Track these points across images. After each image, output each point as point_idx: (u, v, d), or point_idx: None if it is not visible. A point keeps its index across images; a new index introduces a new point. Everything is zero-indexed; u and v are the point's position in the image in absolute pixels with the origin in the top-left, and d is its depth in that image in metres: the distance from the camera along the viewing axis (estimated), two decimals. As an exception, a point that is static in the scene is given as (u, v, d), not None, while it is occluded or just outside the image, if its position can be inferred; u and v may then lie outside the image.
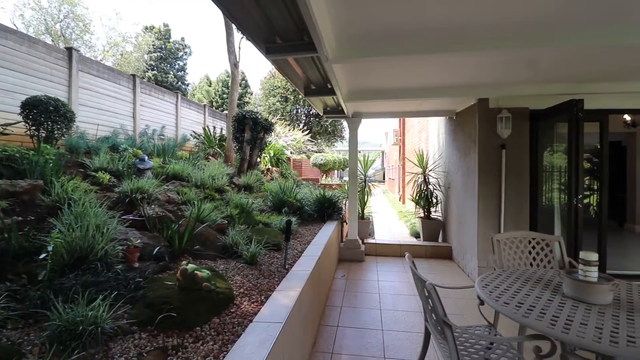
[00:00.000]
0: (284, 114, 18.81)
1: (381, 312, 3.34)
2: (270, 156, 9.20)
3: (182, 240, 2.58)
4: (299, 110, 20.28)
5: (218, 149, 8.53)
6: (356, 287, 4.06)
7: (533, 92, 3.85)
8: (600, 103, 4.06)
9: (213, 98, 25.38)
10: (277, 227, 3.73)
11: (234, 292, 2.18)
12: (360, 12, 2.10)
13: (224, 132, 10.09)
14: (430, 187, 6.02)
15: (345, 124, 5.57)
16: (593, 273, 1.68)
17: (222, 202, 4.33)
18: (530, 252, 2.66)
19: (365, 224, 5.93)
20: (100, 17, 30.83)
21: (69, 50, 6.22)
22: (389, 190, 18.66)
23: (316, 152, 15.78)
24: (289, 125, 14.57)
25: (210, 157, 7.97)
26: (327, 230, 4.24)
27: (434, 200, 5.97)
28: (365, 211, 6.28)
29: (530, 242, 2.68)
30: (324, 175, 13.28)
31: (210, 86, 26.86)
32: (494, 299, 1.70)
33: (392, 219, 9.14)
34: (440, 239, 5.83)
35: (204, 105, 11.37)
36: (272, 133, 10.74)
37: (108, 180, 3.74)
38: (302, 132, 13.95)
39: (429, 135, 7.55)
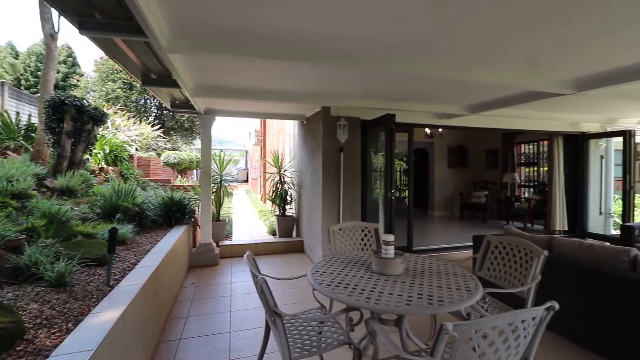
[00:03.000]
0: (128, 103, 16.07)
1: (231, 314, 3.28)
2: (105, 153, 7.69)
3: None
4: (149, 101, 17.75)
5: (23, 142, 6.53)
6: (207, 293, 3.86)
7: (362, 105, 4.58)
8: (408, 118, 5.19)
9: (22, 75, 19.27)
10: (104, 237, 3.14)
11: (26, 325, 1.70)
12: (190, 3, 1.99)
13: (36, 120, 7.82)
14: (286, 186, 6.35)
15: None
16: (391, 251, 2.11)
17: (22, 211, 3.33)
18: (358, 239, 3.14)
19: (221, 226, 5.72)
20: None
21: None
22: (252, 190, 18.68)
23: (170, 149, 14.22)
24: (134, 117, 12.58)
25: (9, 152, 6.01)
26: (174, 236, 3.87)
27: (289, 199, 6.33)
28: (222, 212, 6.06)
29: (358, 230, 3.17)
30: (179, 176, 12.11)
31: (17, 58, 20.28)
32: (319, 283, 1.91)
33: (252, 218, 9.18)
34: (294, 235, 6.23)
35: (2, 83, 8.51)
36: (109, 125, 9.05)
37: None
38: (152, 126, 12.27)
39: (286, 137, 7.96)
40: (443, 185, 9.73)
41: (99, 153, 7.62)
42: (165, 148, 13.78)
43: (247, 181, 24.88)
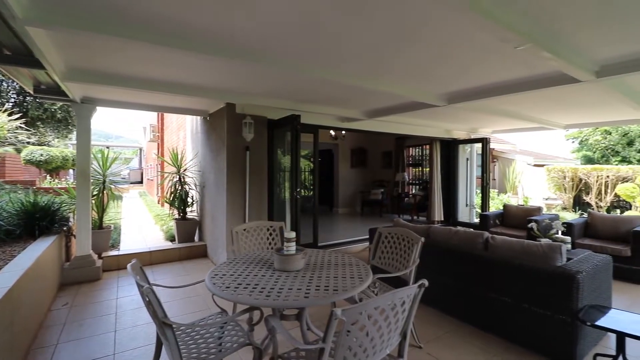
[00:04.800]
0: (-28, 85, 12.55)
1: (116, 333, 2.87)
2: None
3: None
4: (5, 84, 14.17)
5: None
6: (85, 313, 3.29)
7: (268, 104, 4.56)
8: (313, 119, 5.38)
9: None
10: None
11: None
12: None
13: None
14: (186, 187, 5.88)
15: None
16: (292, 247, 2.16)
17: None
18: (264, 238, 3.11)
19: (104, 234, 4.95)
20: None
21: None
22: (147, 193, 16.70)
23: (35, 144, 11.64)
24: (-20, 103, 9.88)
25: None
26: (37, 250, 3.18)
27: (190, 200, 5.88)
28: (106, 219, 5.25)
29: (263, 230, 3.14)
30: (47, 177, 10.01)
31: None
32: (218, 286, 1.83)
33: (147, 223, 8.23)
34: (196, 239, 5.82)
35: None
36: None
37: None
38: (10, 115, 9.81)
39: (187, 134, 7.37)
40: (346, 184, 10.43)
41: None
42: (28, 142, 11.22)
43: (141, 182, 22.13)
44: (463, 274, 3.14)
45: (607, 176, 9.65)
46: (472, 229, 3.49)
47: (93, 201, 4.90)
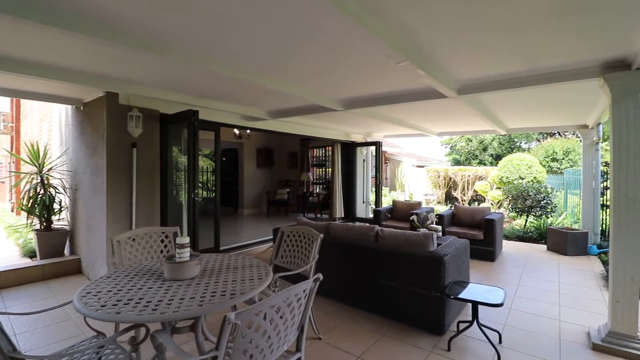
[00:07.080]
0: None
1: (-62, 384, 2.17)
2: None
3: None
4: None
5: None
6: None
7: (161, 96, 4.10)
8: (215, 117, 5.08)
9: None
10: None
11: None
12: None
13: None
14: (52, 190, 4.84)
15: None
16: (185, 253, 1.99)
17: None
18: (155, 246, 2.79)
19: None
20: None
21: None
22: (-4, 199, 13.16)
23: None
24: None
25: None
26: None
27: (57, 207, 4.87)
28: None
29: (154, 236, 2.81)
30: None
31: None
32: (91, 306, 1.56)
33: (-6, 238, 6.49)
34: (67, 252, 4.85)
35: None
36: None
37: None
38: None
39: (53, 126, 6.09)
40: (252, 184, 10.23)
41: None
42: None
43: (-13, 186, 17.34)
44: (358, 265, 3.42)
45: (469, 175, 11.88)
46: (367, 224, 3.83)
47: None
